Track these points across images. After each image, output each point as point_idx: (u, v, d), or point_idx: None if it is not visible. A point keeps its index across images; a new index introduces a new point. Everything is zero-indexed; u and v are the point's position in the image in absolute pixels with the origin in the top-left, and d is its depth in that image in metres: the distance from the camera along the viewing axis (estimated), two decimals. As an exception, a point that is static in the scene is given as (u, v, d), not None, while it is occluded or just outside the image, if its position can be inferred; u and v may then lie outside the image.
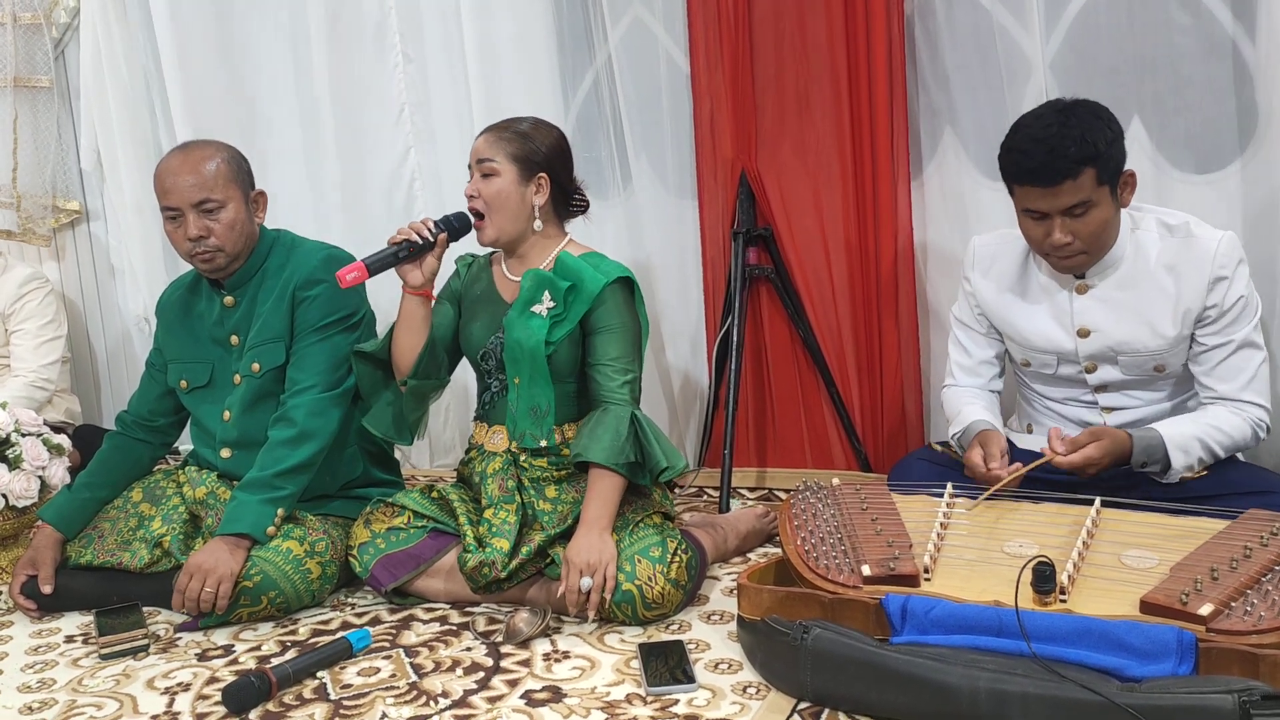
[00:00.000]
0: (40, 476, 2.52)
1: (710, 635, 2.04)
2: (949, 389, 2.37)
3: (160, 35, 3.33)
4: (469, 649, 2.05)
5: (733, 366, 2.78)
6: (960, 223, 2.70)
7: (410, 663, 2.01)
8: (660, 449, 2.18)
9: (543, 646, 2.04)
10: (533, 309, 2.23)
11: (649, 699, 1.81)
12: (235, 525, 2.21)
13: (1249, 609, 1.57)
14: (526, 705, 1.83)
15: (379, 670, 1.99)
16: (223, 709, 1.87)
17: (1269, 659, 1.48)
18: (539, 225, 2.27)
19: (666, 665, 1.88)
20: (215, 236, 2.32)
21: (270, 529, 2.23)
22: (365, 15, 3.11)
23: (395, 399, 2.38)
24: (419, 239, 2.23)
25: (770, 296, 2.92)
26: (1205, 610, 1.56)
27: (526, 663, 1.98)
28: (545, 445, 2.25)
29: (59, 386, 3.36)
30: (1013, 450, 2.14)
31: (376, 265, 2.21)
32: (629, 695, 1.83)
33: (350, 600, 2.34)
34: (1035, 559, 1.67)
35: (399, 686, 1.92)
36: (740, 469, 2.95)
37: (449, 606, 2.25)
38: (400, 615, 2.23)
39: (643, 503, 2.23)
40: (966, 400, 2.29)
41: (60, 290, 3.56)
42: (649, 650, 1.94)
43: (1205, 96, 2.43)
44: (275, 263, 2.42)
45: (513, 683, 1.91)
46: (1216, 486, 2.05)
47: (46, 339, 3.28)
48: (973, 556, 1.84)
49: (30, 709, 1.95)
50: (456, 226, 2.28)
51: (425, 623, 2.19)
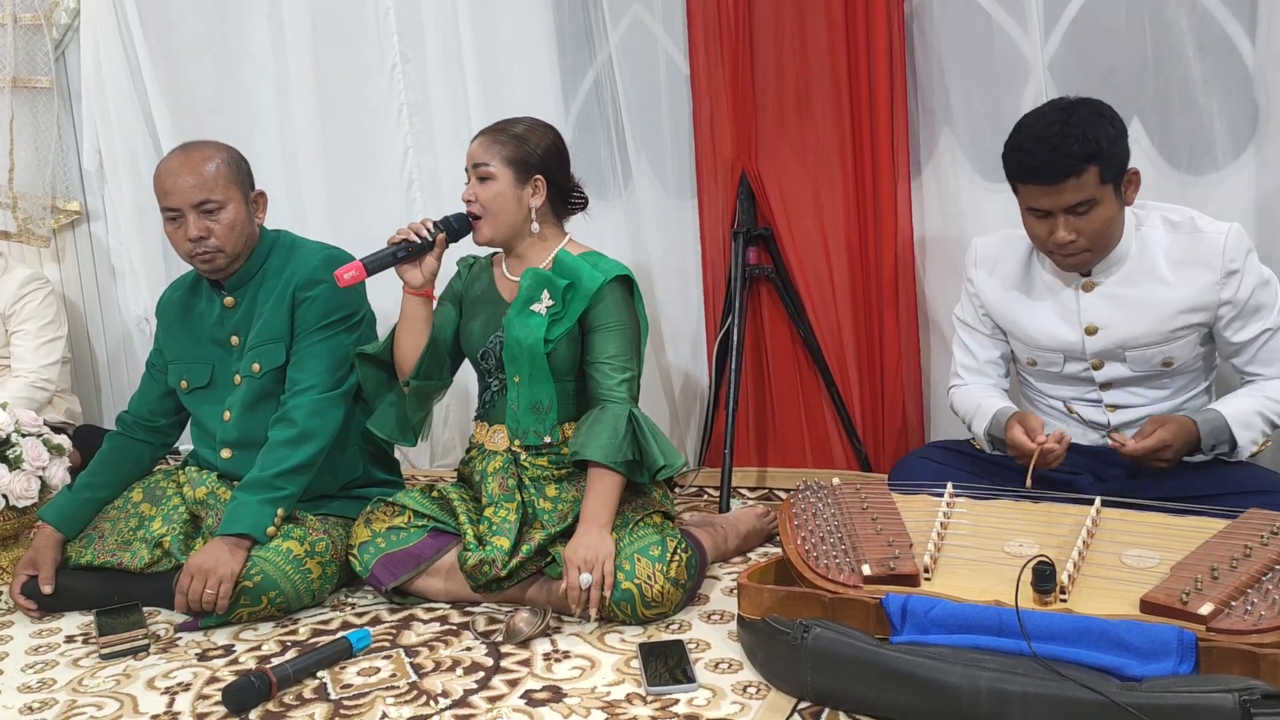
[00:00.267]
0: (40, 477, 2.52)
1: (710, 635, 2.04)
2: (958, 389, 2.36)
3: (159, 36, 3.34)
4: (469, 649, 2.05)
5: (733, 366, 2.78)
6: (957, 223, 2.70)
7: (410, 662, 2.01)
8: (658, 447, 2.18)
9: (543, 646, 2.04)
10: (531, 307, 2.23)
11: (649, 699, 1.81)
12: (235, 525, 2.21)
13: (1249, 608, 1.57)
14: (527, 705, 1.83)
15: (379, 670, 1.99)
16: (223, 709, 1.87)
17: (1269, 658, 1.48)
18: (535, 228, 2.27)
19: (666, 665, 1.88)
20: (215, 237, 2.32)
21: (270, 529, 2.23)
22: (363, 15, 3.11)
23: (399, 400, 2.38)
24: (418, 239, 2.24)
25: (770, 296, 2.93)
26: (1206, 609, 1.56)
27: (527, 662, 1.98)
28: (549, 442, 2.25)
29: (59, 387, 3.36)
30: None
31: (375, 265, 2.21)
32: (629, 695, 1.83)
33: (350, 600, 2.34)
34: (1035, 558, 1.67)
35: (399, 686, 1.92)
36: (740, 468, 2.95)
37: (449, 606, 2.25)
38: (400, 615, 2.23)
39: (642, 502, 2.23)
40: (982, 395, 2.28)
41: (60, 291, 3.56)
42: (649, 650, 1.94)
43: (1205, 97, 2.43)
44: (275, 263, 2.42)
45: (513, 682, 1.91)
46: (1217, 486, 2.05)
47: (47, 339, 3.28)
48: (973, 556, 1.84)
49: (30, 709, 1.95)
50: (456, 227, 2.28)
51: (425, 622, 2.19)
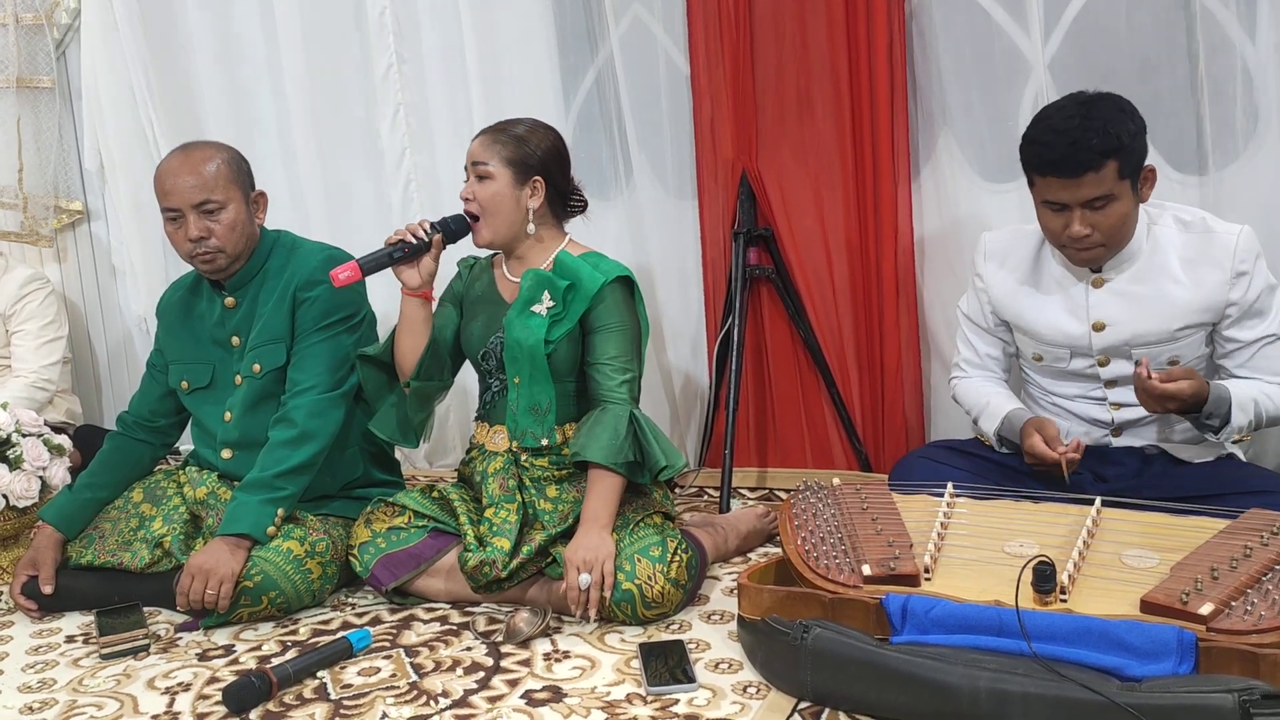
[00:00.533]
0: (41, 477, 2.52)
1: (710, 635, 2.04)
2: (960, 381, 2.37)
3: (158, 36, 3.34)
4: (469, 649, 2.06)
5: (733, 367, 2.78)
6: (955, 223, 2.70)
7: (410, 662, 2.01)
8: (659, 448, 2.18)
9: (543, 646, 2.04)
10: (532, 308, 2.23)
11: (649, 699, 1.81)
12: (236, 525, 2.21)
13: (1249, 608, 1.57)
14: (527, 705, 1.83)
15: (379, 670, 1.99)
16: (223, 709, 1.87)
17: (1269, 658, 1.48)
18: (532, 229, 2.27)
19: (667, 665, 1.88)
20: (216, 237, 2.32)
21: (270, 529, 2.23)
22: (361, 15, 3.11)
23: (400, 402, 2.37)
24: (414, 240, 2.24)
25: (771, 297, 2.92)
26: (1205, 610, 1.56)
27: (527, 662, 1.98)
28: (547, 444, 2.26)
29: (60, 387, 3.36)
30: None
31: (371, 265, 2.21)
32: (629, 695, 1.83)
33: (351, 600, 2.34)
34: (1036, 558, 1.67)
35: (399, 686, 1.92)
36: (741, 469, 2.95)
37: (449, 606, 2.25)
38: (401, 615, 2.23)
39: (643, 502, 2.23)
40: (990, 391, 2.30)
41: (61, 291, 3.56)
42: (649, 650, 1.94)
43: (1205, 98, 2.43)
44: (276, 264, 2.42)
45: (513, 682, 1.91)
46: (1216, 486, 2.06)
47: (47, 339, 3.28)
48: (973, 556, 1.84)
49: (31, 709, 1.95)
50: (453, 229, 2.28)
51: (426, 622, 2.19)
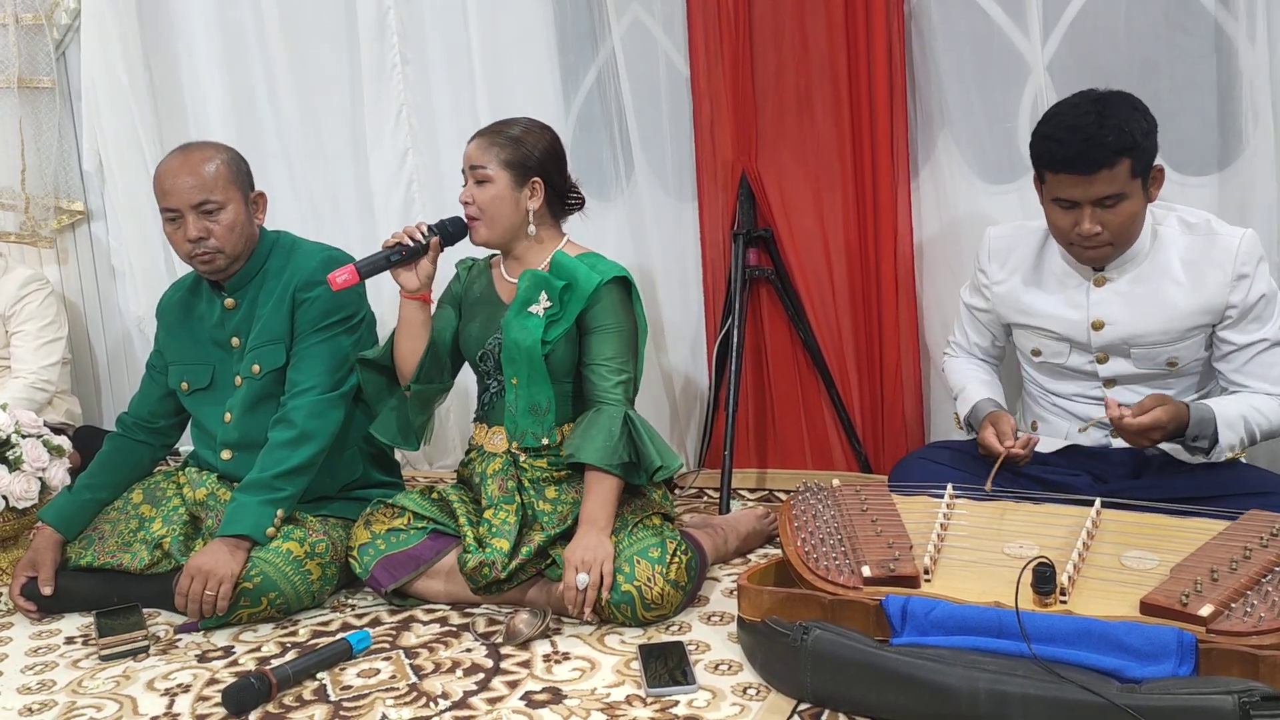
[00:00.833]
0: (40, 478, 2.52)
1: (710, 636, 2.04)
2: (949, 359, 2.46)
3: (158, 36, 3.34)
4: (469, 650, 2.05)
5: (733, 368, 2.78)
6: (954, 224, 2.70)
7: (410, 664, 2.01)
8: (654, 448, 2.18)
9: (543, 648, 2.04)
10: (529, 309, 2.23)
11: (649, 700, 1.81)
12: (235, 527, 2.21)
13: (1249, 610, 1.57)
14: (526, 706, 1.83)
15: (379, 671, 1.99)
16: (223, 710, 1.87)
17: (1269, 660, 1.48)
18: (533, 230, 2.27)
19: (666, 666, 1.88)
20: (215, 238, 2.32)
21: (270, 530, 2.23)
22: (363, 16, 3.11)
23: (400, 404, 2.37)
24: (411, 242, 2.24)
25: (770, 298, 2.92)
26: (1205, 611, 1.56)
27: (526, 664, 1.98)
28: (547, 444, 2.25)
29: (59, 388, 3.36)
30: (1040, 455, 2.17)
31: (368, 268, 2.21)
32: (629, 696, 1.83)
33: (350, 601, 2.34)
34: (1035, 560, 1.67)
35: (399, 688, 1.92)
36: (740, 470, 2.95)
37: (449, 608, 2.25)
38: (400, 616, 2.23)
39: (642, 504, 2.23)
40: (970, 376, 2.37)
41: (61, 292, 3.56)
42: (649, 651, 1.94)
43: (1203, 98, 2.43)
44: (275, 264, 2.42)
45: (513, 684, 1.91)
46: (1216, 487, 2.05)
47: (47, 340, 3.28)
48: (973, 558, 1.84)
49: (30, 710, 1.95)
50: (451, 231, 2.29)
51: (425, 624, 2.19)
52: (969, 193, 2.69)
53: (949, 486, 2.06)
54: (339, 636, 2.10)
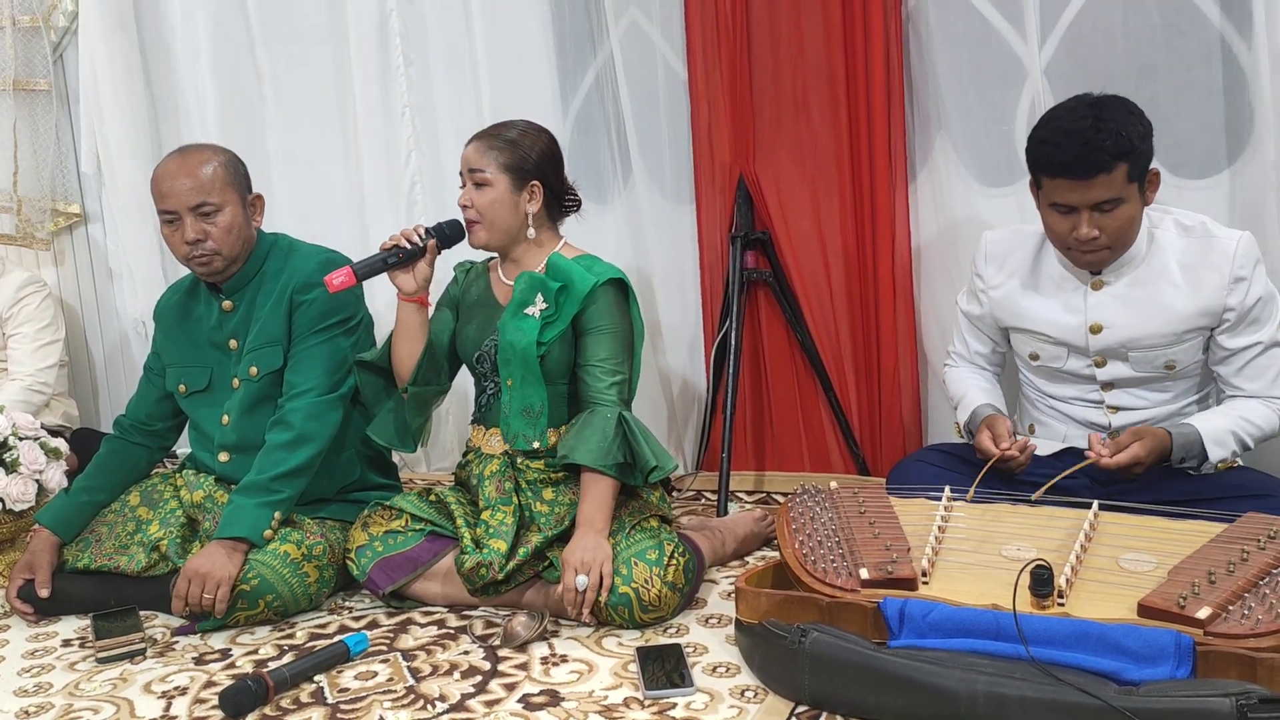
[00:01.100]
0: (37, 480, 2.51)
1: (708, 639, 2.03)
2: (950, 369, 2.44)
3: (156, 38, 3.34)
4: (466, 652, 2.05)
5: (730, 370, 2.78)
6: (951, 227, 2.70)
7: (408, 666, 2.01)
8: (649, 449, 2.18)
9: (540, 650, 2.03)
10: (525, 311, 2.23)
11: (646, 703, 1.81)
12: (232, 529, 2.21)
13: (1246, 612, 1.57)
14: (524, 709, 1.83)
15: (376, 674, 1.99)
16: (220, 713, 1.87)
17: (1266, 662, 1.48)
18: (532, 233, 2.27)
19: (664, 669, 1.88)
20: (212, 240, 2.32)
21: (267, 532, 2.23)
22: (366, 18, 3.11)
23: (398, 406, 2.37)
24: (408, 245, 2.24)
25: (768, 300, 2.93)
26: (1203, 614, 1.56)
27: (524, 666, 1.98)
28: (538, 447, 2.25)
29: (56, 390, 3.35)
30: (1037, 459, 2.17)
31: (365, 271, 2.21)
32: (626, 699, 1.83)
33: (348, 604, 2.33)
34: (1033, 562, 1.68)
35: (396, 690, 1.92)
36: (738, 472, 2.95)
37: (446, 610, 2.24)
38: (398, 619, 2.23)
39: (639, 506, 2.23)
40: (970, 384, 2.36)
41: (58, 294, 3.56)
42: (647, 654, 1.94)
43: (1201, 101, 2.43)
44: (273, 266, 2.42)
45: (510, 686, 1.91)
46: (1214, 490, 2.06)
47: (44, 343, 3.27)
48: (971, 560, 1.84)
49: (27, 713, 1.95)
50: (448, 234, 2.29)
51: (423, 626, 2.18)
52: (966, 196, 2.69)
53: (946, 489, 2.06)
54: (336, 639, 2.09)
